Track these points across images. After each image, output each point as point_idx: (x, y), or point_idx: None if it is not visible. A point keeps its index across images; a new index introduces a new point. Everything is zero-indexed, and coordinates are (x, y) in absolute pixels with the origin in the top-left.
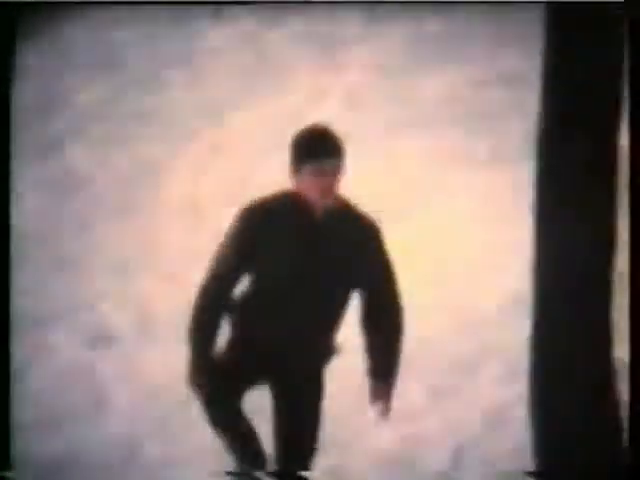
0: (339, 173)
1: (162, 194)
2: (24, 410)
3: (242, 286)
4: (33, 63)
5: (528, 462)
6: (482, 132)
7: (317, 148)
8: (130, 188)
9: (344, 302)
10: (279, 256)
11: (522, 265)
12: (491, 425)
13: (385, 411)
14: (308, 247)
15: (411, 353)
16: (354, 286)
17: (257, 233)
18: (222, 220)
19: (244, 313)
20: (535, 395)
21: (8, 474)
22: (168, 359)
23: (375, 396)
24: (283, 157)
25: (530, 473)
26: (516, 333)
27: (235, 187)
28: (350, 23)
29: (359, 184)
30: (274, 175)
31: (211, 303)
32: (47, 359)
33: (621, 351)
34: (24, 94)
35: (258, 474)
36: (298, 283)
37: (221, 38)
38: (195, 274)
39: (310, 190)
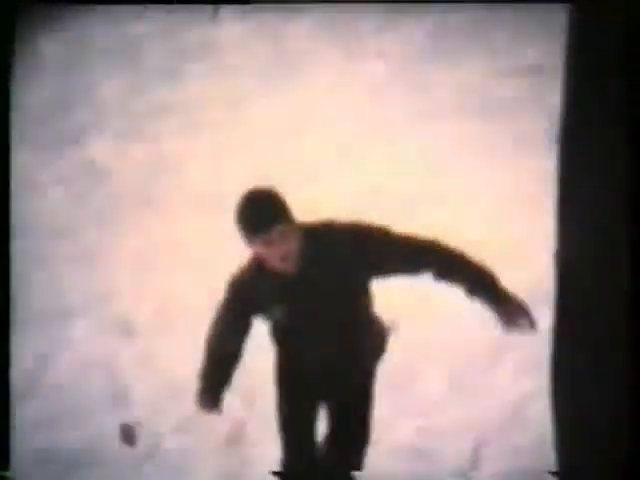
0: (290, 235)
1: (182, 187)
2: (43, 405)
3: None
4: (51, 59)
5: (548, 458)
6: (504, 124)
7: (259, 220)
8: (150, 181)
9: (361, 298)
10: (279, 309)
11: (544, 256)
12: (512, 420)
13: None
14: (298, 297)
15: (430, 346)
16: (370, 277)
17: (250, 303)
18: None
19: (282, 344)
20: (556, 389)
21: (8, 474)
22: (188, 352)
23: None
24: (301, 147)
25: (553, 473)
26: (539, 323)
27: (254, 179)
28: (370, 15)
29: (380, 175)
30: (292, 165)
31: (220, 348)
32: (66, 352)
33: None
34: (43, 87)
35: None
36: (310, 317)
37: (239, 31)
38: (215, 266)
39: (268, 260)
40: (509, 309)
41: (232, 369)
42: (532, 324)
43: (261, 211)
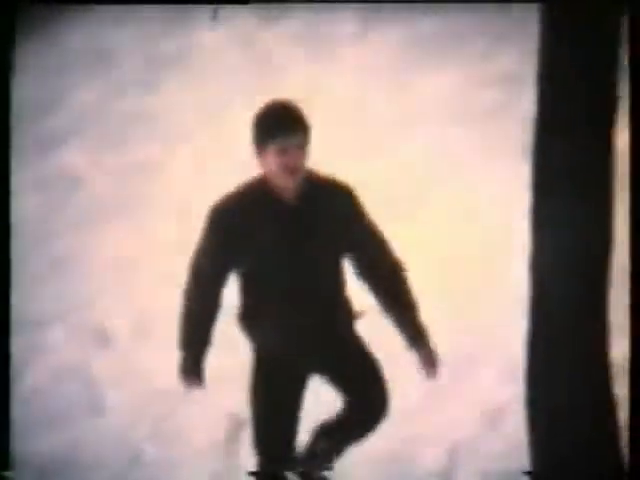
0: (304, 148)
1: (159, 194)
2: (20, 410)
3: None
4: (30, 62)
5: (524, 461)
6: (479, 131)
7: (279, 126)
8: (127, 188)
9: (338, 269)
10: (262, 248)
11: (520, 266)
12: (488, 425)
13: (433, 373)
14: (287, 232)
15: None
16: (343, 252)
17: (232, 232)
18: None
19: (251, 314)
20: (532, 395)
21: (8, 474)
22: (165, 359)
23: (422, 363)
24: None
25: (527, 473)
26: (514, 333)
27: (231, 187)
28: (346, 23)
29: (360, 181)
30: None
31: (197, 303)
32: (44, 359)
33: (618, 351)
34: (20, 93)
35: (284, 474)
36: (290, 267)
37: (218, 38)
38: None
39: (277, 171)
40: (424, 352)
41: (210, 328)
42: (434, 374)
43: (283, 118)
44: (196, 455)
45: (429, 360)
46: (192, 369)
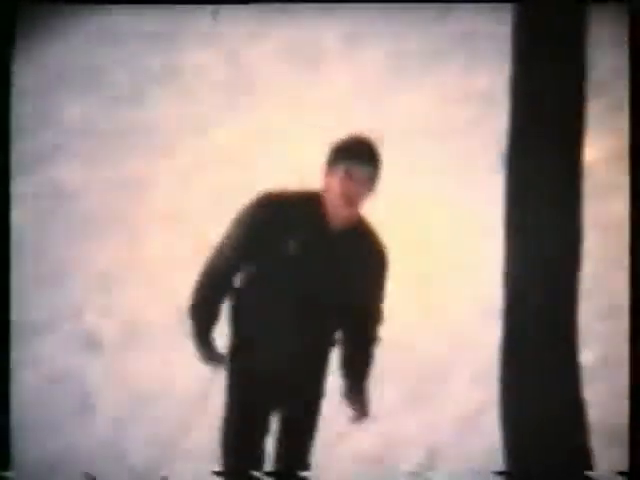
0: (371, 183)
1: (147, 206)
2: (15, 415)
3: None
4: (24, 81)
5: (499, 463)
6: (455, 146)
7: (356, 151)
8: (115, 201)
9: (338, 317)
10: (283, 254)
11: (494, 272)
12: (464, 428)
13: (362, 416)
14: (314, 252)
15: (387, 358)
16: (348, 305)
17: (268, 223)
18: (205, 231)
19: (241, 306)
20: (505, 398)
21: (8, 474)
22: (152, 364)
23: (352, 403)
24: (265, 172)
25: (499, 473)
26: (488, 337)
27: (218, 201)
28: (330, 40)
29: None
30: (258, 186)
31: (212, 283)
32: (37, 366)
33: (587, 354)
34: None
35: (257, 474)
36: (295, 286)
37: (205, 55)
38: (178, 283)
39: (336, 193)
40: (360, 398)
41: (221, 304)
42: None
43: (362, 146)
44: (183, 458)
45: (360, 407)
46: (208, 352)
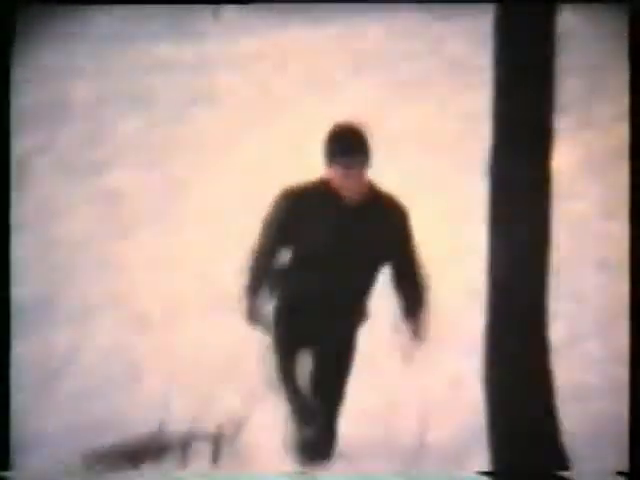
0: (365, 167)
1: (191, 206)
2: (75, 383)
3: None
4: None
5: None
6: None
7: (345, 146)
8: (164, 201)
9: (373, 274)
10: (312, 235)
11: (479, 264)
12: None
13: (417, 338)
14: (339, 227)
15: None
16: (383, 261)
17: (292, 214)
18: (240, 227)
19: (284, 283)
20: (491, 398)
21: (8, 474)
22: (195, 340)
23: (409, 327)
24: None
25: (485, 473)
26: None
27: (250, 199)
28: (339, 70)
29: None
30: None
31: (256, 268)
32: (94, 342)
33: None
34: (74, 123)
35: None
36: (330, 258)
37: (237, 77)
38: (217, 270)
39: (341, 182)
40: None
41: (262, 281)
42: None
43: (347, 140)
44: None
45: (416, 334)
46: (252, 313)
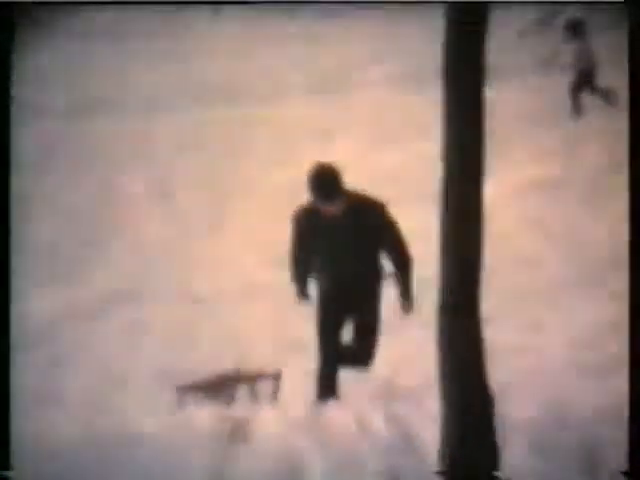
0: (340, 202)
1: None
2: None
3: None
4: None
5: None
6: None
7: (319, 195)
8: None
9: (376, 255)
10: (319, 239)
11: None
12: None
13: (408, 310)
14: (337, 239)
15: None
16: (379, 245)
17: (302, 226)
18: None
19: (320, 272)
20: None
21: (8, 474)
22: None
23: (402, 301)
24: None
25: (440, 473)
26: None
27: (290, 195)
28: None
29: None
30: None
31: (294, 264)
32: (157, 318)
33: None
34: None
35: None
36: (338, 254)
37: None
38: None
39: (322, 208)
40: (406, 305)
41: (306, 270)
42: (408, 312)
43: (328, 187)
44: None
45: (407, 306)
46: (300, 293)
